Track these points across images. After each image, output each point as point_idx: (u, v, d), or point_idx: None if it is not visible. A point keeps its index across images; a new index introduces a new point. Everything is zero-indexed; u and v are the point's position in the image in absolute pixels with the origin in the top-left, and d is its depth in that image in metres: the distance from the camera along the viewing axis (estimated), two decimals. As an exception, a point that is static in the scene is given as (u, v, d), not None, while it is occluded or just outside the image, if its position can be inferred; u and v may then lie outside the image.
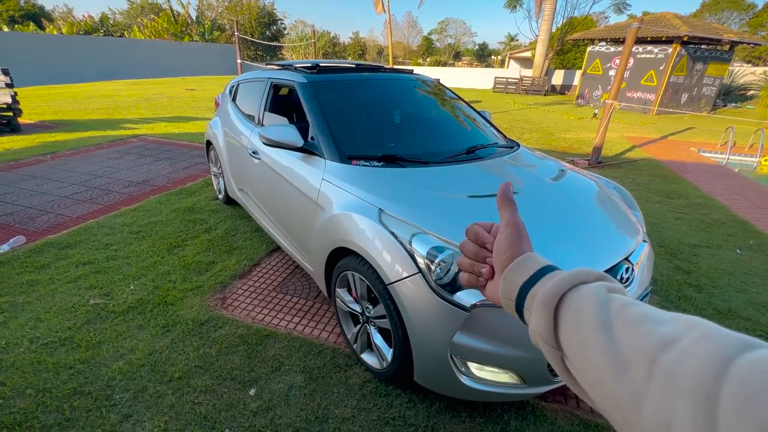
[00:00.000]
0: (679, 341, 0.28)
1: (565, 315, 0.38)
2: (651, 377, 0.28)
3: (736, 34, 12.91)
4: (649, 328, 0.30)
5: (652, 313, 0.32)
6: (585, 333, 0.34)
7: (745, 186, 5.15)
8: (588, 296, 0.37)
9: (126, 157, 5.43)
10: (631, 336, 0.31)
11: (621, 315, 0.33)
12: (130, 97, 12.42)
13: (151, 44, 24.42)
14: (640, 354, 0.29)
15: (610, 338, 0.32)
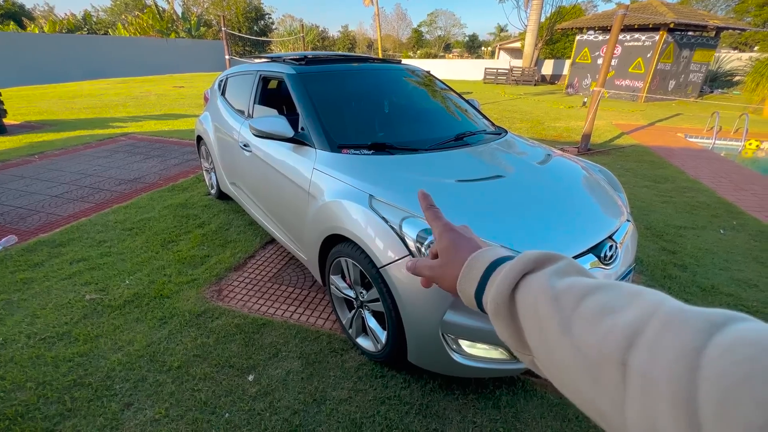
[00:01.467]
0: (642, 333, 0.26)
1: (523, 317, 0.36)
2: (626, 382, 0.26)
3: (722, 20, 13.04)
4: (609, 322, 0.29)
5: (607, 300, 0.30)
6: (548, 337, 0.33)
7: (730, 169, 5.26)
8: (539, 292, 0.35)
9: (116, 156, 5.40)
10: (594, 335, 0.29)
11: (578, 311, 0.31)
12: (117, 95, 12.26)
13: (136, 41, 24.02)
14: (608, 357, 0.27)
15: (574, 342, 0.30)
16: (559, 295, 0.33)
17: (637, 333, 0.27)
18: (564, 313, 0.32)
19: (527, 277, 0.37)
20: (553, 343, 0.32)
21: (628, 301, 0.30)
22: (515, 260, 0.39)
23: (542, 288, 0.35)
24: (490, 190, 1.74)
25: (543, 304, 0.34)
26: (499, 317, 0.38)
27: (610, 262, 1.63)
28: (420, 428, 1.56)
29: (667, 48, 11.96)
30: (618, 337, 0.27)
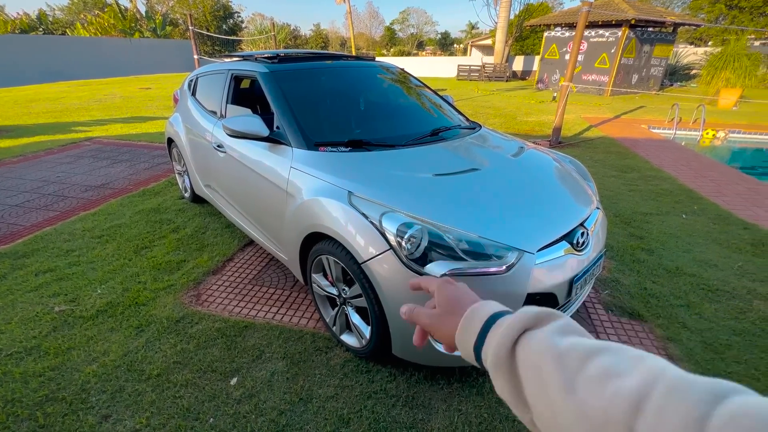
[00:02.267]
0: (648, 399, 0.27)
1: (525, 372, 0.36)
2: None
3: (678, 17, 13.70)
4: (614, 387, 0.29)
5: (612, 363, 0.31)
6: (551, 396, 0.33)
7: (690, 158, 5.55)
8: (543, 349, 0.35)
9: (80, 161, 5.16)
10: (600, 398, 0.30)
11: (583, 372, 0.32)
12: (78, 98, 11.69)
13: (98, 42, 22.96)
14: (614, 421, 0.28)
15: (578, 403, 0.31)
16: (563, 354, 0.34)
17: (642, 399, 0.27)
18: (568, 373, 0.32)
19: (528, 333, 0.37)
20: (556, 403, 0.32)
21: (632, 365, 0.30)
22: (515, 315, 0.39)
23: (545, 345, 0.35)
24: (467, 183, 1.78)
25: (547, 361, 0.34)
26: (499, 371, 0.38)
27: (583, 248, 1.70)
28: (407, 419, 1.58)
29: (629, 43, 12.47)
30: (624, 402, 0.28)
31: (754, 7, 17.32)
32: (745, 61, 10.52)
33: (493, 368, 0.38)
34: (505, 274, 1.46)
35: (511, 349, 0.37)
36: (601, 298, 2.36)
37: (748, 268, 2.69)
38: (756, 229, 3.26)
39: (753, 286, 2.48)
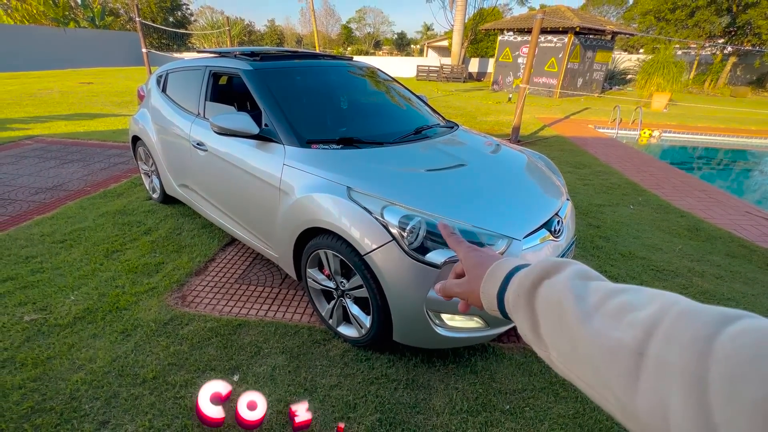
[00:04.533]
0: (660, 324, 0.28)
1: (544, 311, 0.38)
2: (640, 368, 0.28)
3: (616, 26, 14.96)
4: (630, 318, 0.31)
5: (630, 300, 0.32)
6: (570, 332, 0.34)
7: (632, 154, 6.15)
8: (564, 291, 0.37)
9: (24, 162, 4.73)
10: (616, 330, 0.31)
11: (602, 308, 0.33)
12: (8, 93, 10.57)
13: (26, 31, 20.78)
14: (627, 347, 0.29)
15: (595, 335, 0.32)
16: (582, 295, 0.36)
17: (654, 325, 0.29)
18: (587, 309, 0.34)
19: (550, 278, 0.39)
20: (574, 336, 0.34)
21: (648, 300, 0.32)
22: (536, 263, 0.42)
23: (565, 287, 0.37)
24: (456, 178, 1.91)
25: (566, 300, 0.36)
26: (518, 311, 0.41)
27: (559, 235, 1.89)
28: (410, 400, 1.68)
29: (575, 49, 13.43)
30: (637, 329, 0.29)
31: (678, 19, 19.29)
32: (673, 68, 11.73)
33: (514, 307, 0.41)
34: (497, 260, 1.60)
35: (530, 291, 0.40)
36: (569, 282, 2.60)
37: (686, 250, 3.08)
38: (690, 217, 3.71)
39: (692, 265, 2.85)
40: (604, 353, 0.31)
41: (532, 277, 0.41)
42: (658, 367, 0.27)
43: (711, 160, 7.53)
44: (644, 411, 0.27)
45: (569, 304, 0.35)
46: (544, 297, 0.38)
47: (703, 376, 0.24)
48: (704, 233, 3.36)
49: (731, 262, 2.92)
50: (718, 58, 20.64)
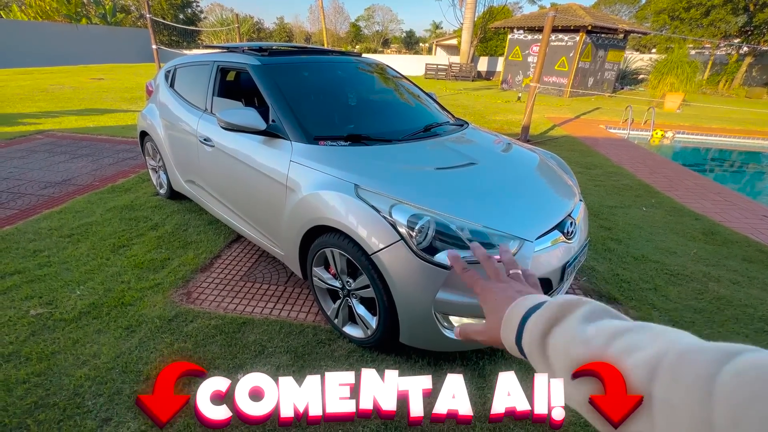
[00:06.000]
0: (662, 365, 0.29)
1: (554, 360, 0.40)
2: (652, 412, 0.29)
3: (629, 25, 14.72)
4: (634, 359, 0.32)
5: (635, 341, 0.33)
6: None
7: (644, 155, 6.03)
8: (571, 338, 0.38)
9: (34, 156, 4.77)
10: (622, 371, 0.33)
11: (608, 351, 0.34)
12: (20, 88, 10.72)
13: (40, 27, 21.07)
14: (636, 390, 0.31)
15: None
16: (589, 339, 0.36)
17: (657, 366, 0.29)
18: (594, 352, 0.35)
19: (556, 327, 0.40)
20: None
21: (651, 339, 0.32)
22: (542, 310, 0.43)
23: (571, 335, 0.38)
24: (467, 177, 1.86)
25: (573, 347, 0.37)
26: (533, 359, 0.43)
27: (571, 237, 1.84)
28: (416, 403, 1.64)
29: (586, 48, 13.24)
30: (641, 371, 0.30)
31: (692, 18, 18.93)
32: (687, 68, 11.50)
33: (529, 358, 0.43)
34: (508, 262, 1.56)
35: (541, 340, 0.41)
36: (580, 284, 2.54)
37: (701, 254, 2.99)
38: (705, 220, 3.62)
39: (707, 270, 2.77)
40: None
41: (541, 326, 0.41)
42: (666, 410, 0.27)
43: (725, 162, 7.37)
44: None
45: (577, 351, 0.37)
46: (554, 345, 0.40)
47: (707, 418, 0.24)
48: (720, 237, 3.27)
49: (748, 267, 2.83)
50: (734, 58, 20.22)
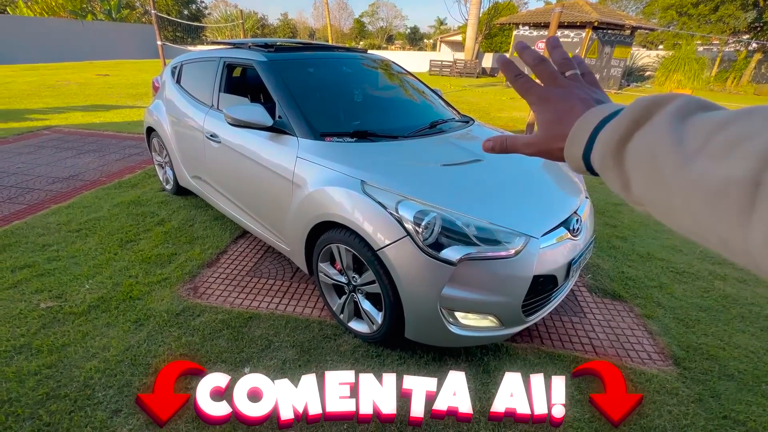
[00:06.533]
0: None
1: (633, 168, 0.33)
2: (756, 201, 0.24)
3: (636, 21, 14.58)
4: (742, 150, 0.25)
5: (742, 128, 0.26)
6: (664, 182, 0.30)
7: (650, 153, 5.99)
8: (659, 139, 0.31)
9: (42, 152, 4.81)
10: (723, 167, 0.26)
11: (706, 148, 0.28)
12: (27, 83, 10.80)
13: (45, 23, 21.17)
14: (738, 182, 0.25)
15: (695, 180, 0.27)
16: (684, 137, 0.29)
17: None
18: (687, 154, 0.28)
19: (644, 126, 0.33)
20: (668, 187, 0.30)
21: (762, 125, 0.26)
22: (622, 113, 0.35)
23: (659, 135, 0.31)
24: (473, 173, 1.86)
25: (662, 150, 0.30)
26: (606, 171, 0.36)
27: (577, 234, 1.84)
28: (421, 398, 1.66)
29: (592, 44, 13.13)
30: (751, 161, 0.24)
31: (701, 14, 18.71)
32: (694, 64, 11.38)
33: (601, 171, 0.37)
34: (514, 258, 1.56)
35: (618, 148, 0.34)
36: (585, 282, 2.54)
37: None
38: (712, 218, 3.59)
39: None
40: (708, 197, 0.26)
41: (621, 132, 0.34)
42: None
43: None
44: (760, 243, 0.24)
45: (665, 153, 0.30)
46: (635, 151, 0.33)
47: None
48: (726, 235, 3.25)
49: (755, 265, 2.82)
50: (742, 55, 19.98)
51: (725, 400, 1.72)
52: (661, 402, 1.69)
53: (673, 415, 1.64)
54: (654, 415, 1.63)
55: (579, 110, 0.41)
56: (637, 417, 1.61)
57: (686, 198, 0.28)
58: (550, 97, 0.44)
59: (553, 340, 2.04)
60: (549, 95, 0.44)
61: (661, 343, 2.05)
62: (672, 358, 1.94)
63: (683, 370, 1.86)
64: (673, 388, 1.77)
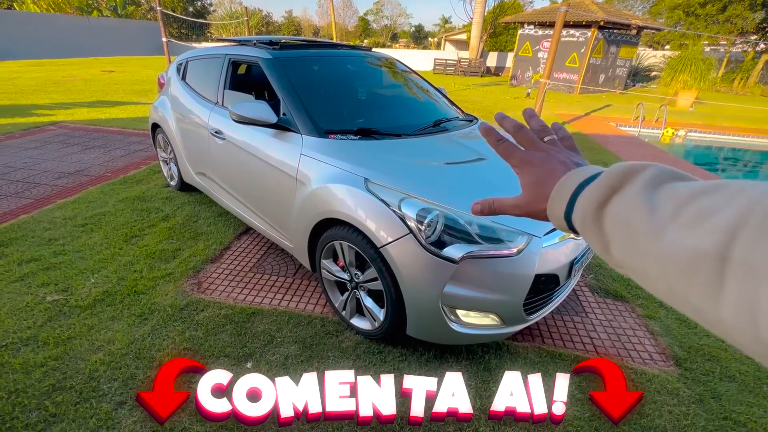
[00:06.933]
0: (745, 226, 0.25)
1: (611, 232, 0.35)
2: (724, 274, 0.25)
3: (642, 20, 14.48)
4: (710, 223, 0.27)
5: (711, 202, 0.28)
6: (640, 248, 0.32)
7: (655, 153, 5.96)
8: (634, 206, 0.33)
9: (48, 147, 4.85)
10: (693, 238, 0.27)
11: (677, 218, 0.29)
12: (33, 79, 10.86)
13: (51, 19, 21.27)
14: (707, 254, 0.26)
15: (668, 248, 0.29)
16: (655, 207, 0.31)
17: (739, 226, 0.25)
18: (660, 223, 0.30)
19: (620, 192, 0.35)
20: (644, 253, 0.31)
21: (731, 198, 0.27)
22: (599, 179, 0.37)
23: (634, 202, 0.33)
24: (476, 172, 1.87)
25: (637, 218, 0.32)
26: (586, 232, 0.38)
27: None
28: (422, 395, 1.67)
29: (597, 44, 13.05)
30: (718, 234, 0.26)
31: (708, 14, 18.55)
32: (701, 65, 11.29)
33: (582, 231, 0.39)
34: (516, 257, 1.57)
35: (597, 211, 0.36)
36: (587, 282, 2.54)
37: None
38: (716, 220, 3.58)
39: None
40: (681, 267, 0.28)
41: (599, 196, 0.36)
42: (744, 272, 0.24)
43: (739, 162, 7.25)
44: (730, 317, 0.25)
45: (639, 221, 0.32)
46: (612, 216, 0.35)
47: None
48: (730, 237, 3.24)
49: (759, 267, 2.81)
50: (750, 56, 19.80)
51: (726, 401, 1.72)
52: (662, 402, 1.70)
53: (673, 415, 1.64)
54: (654, 415, 1.64)
55: (559, 172, 0.44)
56: (637, 416, 1.62)
57: (660, 267, 0.30)
58: (532, 161, 0.47)
59: (555, 339, 2.04)
60: (530, 158, 0.47)
61: (662, 343, 2.05)
62: (673, 359, 1.94)
63: (684, 371, 1.87)
64: (674, 388, 1.77)
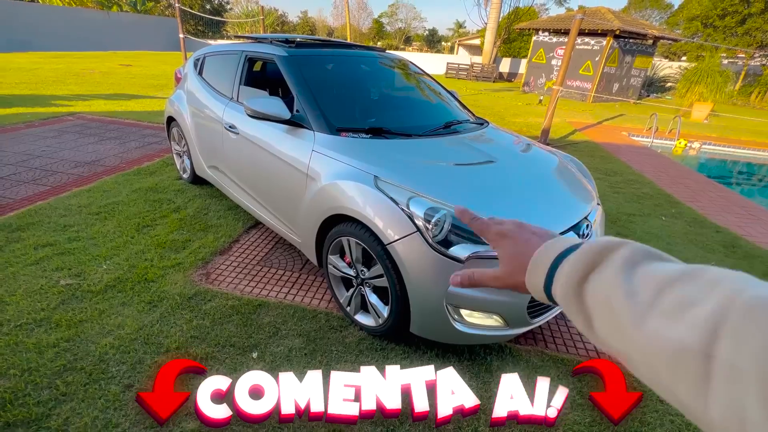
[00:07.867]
0: (725, 322, 0.26)
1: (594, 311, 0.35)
2: (710, 374, 0.25)
3: (659, 31, 14.34)
4: (691, 316, 0.27)
5: (686, 293, 0.29)
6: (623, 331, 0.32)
7: (667, 165, 5.90)
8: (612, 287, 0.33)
9: (65, 136, 4.96)
10: (676, 330, 0.28)
11: (656, 306, 0.30)
12: (54, 71, 11.11)
13: (72, 13, 21.74)
14: (691, 350, 0.26)
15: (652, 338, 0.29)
16: (633, 291, 0.32)
17: (719, 323, 0.26)
18: (640, 309, 0.31)
19: (594, 274, 0.36)
20: (629, 339, 0.31)
21: (707, 291, 0.28)
22: (577, 254, 0.38)
23: (613, 285, 0.34)
24: (485, 174, 1.88)
25: (616, 301, 0.33)
26: (568, 307, 0.38)
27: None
28: (423, 392, 1.68)
29: (612, 53, 12.96)
30: (701, 331, 0.26)
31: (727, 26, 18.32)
32: (718, 77, 11.15)
33: (563, 305, 0.39)
34: (522, 259, 1.58)
35: (577, 288, 0.36)
36: (593, 289, 2.53)
37: (721, 266, 2.93)
38: (726, 233, 3.54)
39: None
40: (667, 357, 0.28)
41: (578, 273, 0.37)
42: (729, 374, 0.24)
43: (753, 176, 7.14)
44: (718, 418, 0.25)
45: (619, 303, 0.32)
46: (593, 296, 0.35)
47: None
48: (741, 251, 3.20)
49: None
50: (768, 69, 19.47)
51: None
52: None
53: (674, 415, 1.63)
54: (655, 415, 1.63)
55: (535, 243, 0.44)
56: (637, 417, 1.61)
57: (644, 355, 0.30)
58: (506, 233, 0.48)
59: (557, 343, 2.04)
60: (504, 231, 0.48)
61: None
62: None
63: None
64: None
